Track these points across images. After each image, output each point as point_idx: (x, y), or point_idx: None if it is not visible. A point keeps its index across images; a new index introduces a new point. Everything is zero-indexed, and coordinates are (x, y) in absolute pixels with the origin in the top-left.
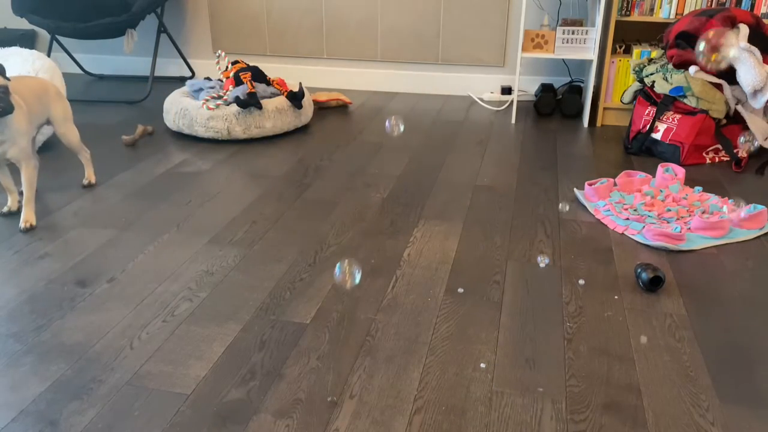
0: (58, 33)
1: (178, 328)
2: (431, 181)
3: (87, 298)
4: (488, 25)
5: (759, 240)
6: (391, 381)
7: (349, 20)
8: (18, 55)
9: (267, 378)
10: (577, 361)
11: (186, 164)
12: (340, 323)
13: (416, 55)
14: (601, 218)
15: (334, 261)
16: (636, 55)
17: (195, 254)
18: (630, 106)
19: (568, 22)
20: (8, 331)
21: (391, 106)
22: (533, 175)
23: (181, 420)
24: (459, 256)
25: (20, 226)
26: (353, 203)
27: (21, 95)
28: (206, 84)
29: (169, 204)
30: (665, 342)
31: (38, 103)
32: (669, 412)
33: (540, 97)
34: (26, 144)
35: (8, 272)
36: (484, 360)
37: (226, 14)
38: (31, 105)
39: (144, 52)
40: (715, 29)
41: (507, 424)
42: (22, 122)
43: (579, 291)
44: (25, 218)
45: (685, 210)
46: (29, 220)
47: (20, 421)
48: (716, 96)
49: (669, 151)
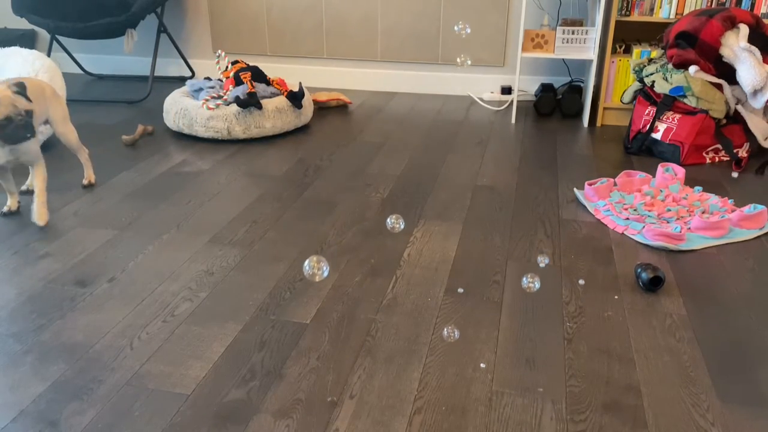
0: (58, 33)
1: (178, 328)
2: (431, 181)
3: (87, 298)
4: (488, 25)
5: (759, 240)
6: (391, 381)
7: (349, 20)
8: (18, 55)
9: (267, 378)
10: (577, 361)
11: (186, 164)
12: (340, 323)
13: (416, 55)
14: (601, 218)
15: (335, 261)
16: (636, 55)
17: (195, 254)
18: (630, 106)
19: (568, 22)
20: (8, 331)
21: (391, 106)
22: (533, 175)
23: (181, 420)
24: (459, 256)
25: (37, 223)
26: (353, 203)
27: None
28: (206, 84)
29: (169, 204)
30: (665, 342)
31: (37, 105)
32: (669, 412)
33: (540, 97)
34: (37, 146)
35: (8, 272)
36: (484, 360)
37: (226, 14)
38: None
39: (144, 52)
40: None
41: (507, 424)
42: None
43: (579, 291)
44: (39, 214)
45: (685, 210)
46: (42, 216)
47: (20, 421)
48: (716, 96)
49: (669, 151)
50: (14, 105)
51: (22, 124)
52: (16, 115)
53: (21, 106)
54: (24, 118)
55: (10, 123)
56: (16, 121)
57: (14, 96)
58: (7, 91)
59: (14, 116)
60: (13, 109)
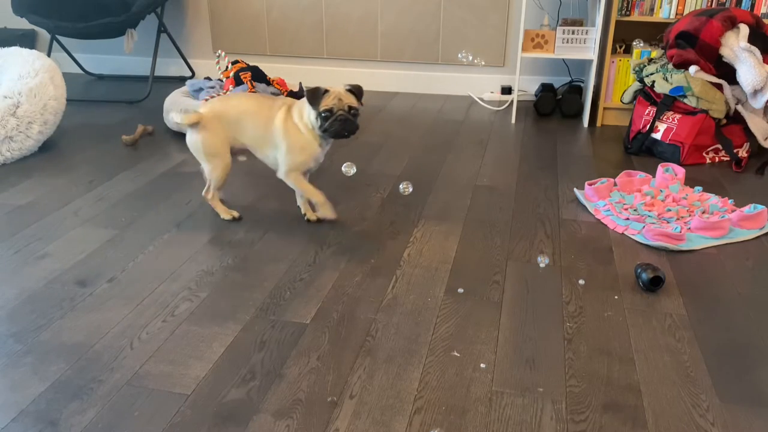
0: (58, 33)
1: (178, 328)
2: (431, 181)
3: (87, 298)
4: (488, 25)
5: (759, 240)
6: (391, 381)
7: (349, 20)
8: (18, 55)
9: (267, 378)
10: (577, 361)
11: (186, 164)
12: (340, 323)
13: (416, 55)
14: (601, 218)
15: (334, 261)
16: (636, 55)
17: (195, 254)
18: (630, 106)
19: (568, 22)
20: (8, 331)
21: (391, 106)
22: (533, 175)
23: (181, 420)
24: (459, 256)
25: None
26: (353, 203)
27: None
28: (206, 84)
29: (169, 204)
30: (665, 342)
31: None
32: (669, 412)
33: (540, 97)
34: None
35: (8, 272)
36: (484, 360)
37: (226, 14)
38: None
39: (144, 52)
40: None
41: (507, 424)
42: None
43: (579, 291)
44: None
45: (685, 210)
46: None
47: (20, 421)
48: (716, 96)
49: (669, 151)
50: (339, 99)
51: (344, 119)
52: (338, 109)
53: (350, 102)
54: (347, 114)
55: (332, 114)
56: (340, 114)
57: (346, 93)
58: (341, 88)
59: (337, 109)
60: (338, 102)
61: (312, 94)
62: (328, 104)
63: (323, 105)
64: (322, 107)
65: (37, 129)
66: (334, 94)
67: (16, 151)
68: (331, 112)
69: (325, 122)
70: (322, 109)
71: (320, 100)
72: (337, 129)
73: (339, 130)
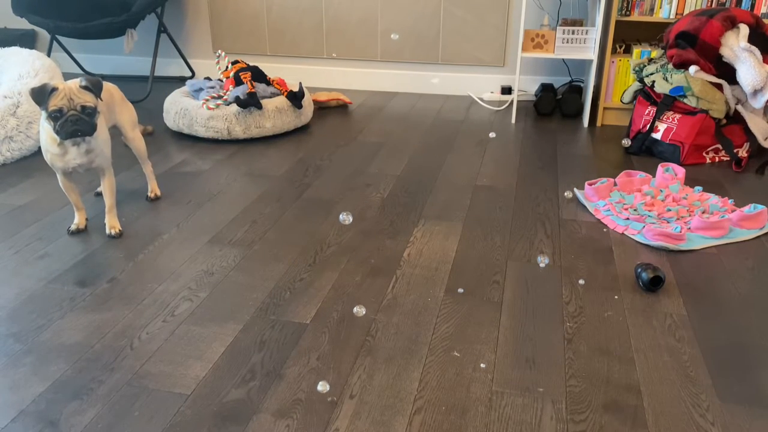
0: (58, 33)
1: (178, 328)
2: (431, 181)
3: (87, 298)
4: (488, 25)
5: (759, 240)
6: (391, 381)
7: (349, 20)
8: (18, 55)
9: (267, 378)
10: (577, 361)
11: (186, 164)
12: (340, 323)
13: (416, 55)
14: (601, 218)
15: (334, 261)
16: (636, 55)
17: (195, 254)
18: (630, 106)
19: (568, 22)
20: (8, 331)
21: (391, 106)
22: (533, 175)
23: (181, 420)
24: (459, 256)
25: (108, 233)
26: (353, 203)
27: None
28: (206, 84)
29: (169, 204)
30: (665, 342)
31: (107, 110)
32: (669, 412)
33: (540, 97)
34: (109, 152)
35: (8, 272)
36: (484, 360)
37: (226, 14)
38: (103, 112)
39: (144, 52)
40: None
41: (507, 424)
42: (105, 131)
43: (579, 291)
44: (110, 225)
45: (685, 210)
46: (115, 226)
47: (20, 421)
48: (716, 96)
49: (669, 151)
50: (70, 99)
51: (76, 119)
52: (69, 109)
53: (83, 100)
54: (80, 114)
55: (62, 115)
56: (71, 114)
57: (79, 90)
58: (73, 84)
59: (67, 109)
60: (67, 102)
61: (37, 94)
62: (57, 104)
63: (51, 105)
64: (50, 107)
65: (37, 129)
66: (64, 92)
67: (16, 151)
68: (61, 112)
69: (56, 123)
70: (51, 110)
71: (47, 99)
72: (69, 131)
73: (71, 132)
